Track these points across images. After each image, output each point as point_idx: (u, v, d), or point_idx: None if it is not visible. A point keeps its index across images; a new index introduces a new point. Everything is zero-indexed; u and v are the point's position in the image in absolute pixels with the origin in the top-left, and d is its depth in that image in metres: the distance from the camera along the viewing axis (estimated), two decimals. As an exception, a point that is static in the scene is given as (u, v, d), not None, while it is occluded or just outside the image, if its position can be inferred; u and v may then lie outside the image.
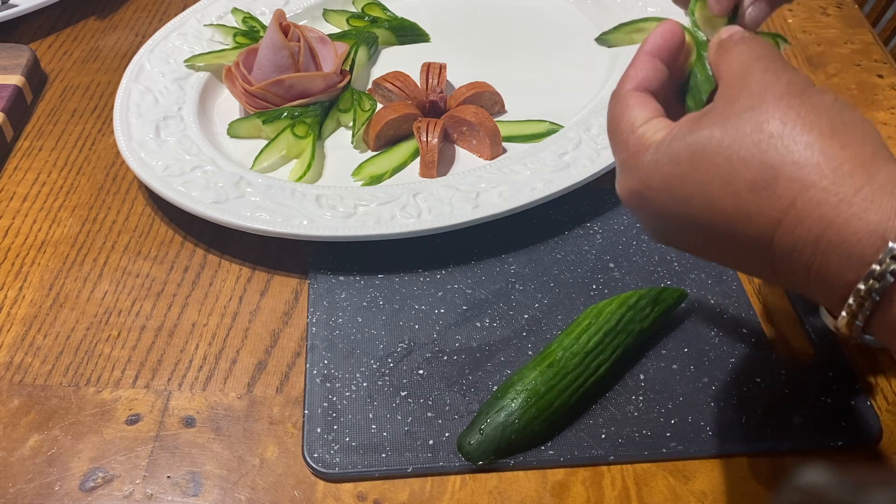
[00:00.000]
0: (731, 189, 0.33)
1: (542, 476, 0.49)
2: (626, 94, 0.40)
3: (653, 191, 0.36)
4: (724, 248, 0.35)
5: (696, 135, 0.34)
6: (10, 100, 0.73)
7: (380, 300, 0.58)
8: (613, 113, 0.40)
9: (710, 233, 0.34)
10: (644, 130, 0.38)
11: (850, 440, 0.50)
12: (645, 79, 0.40)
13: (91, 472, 0.49)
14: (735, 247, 0.34)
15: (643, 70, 0.41)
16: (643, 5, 0.81)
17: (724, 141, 0.33)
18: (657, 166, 0.36)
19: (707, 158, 0.33)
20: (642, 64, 0.41)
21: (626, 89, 0.40)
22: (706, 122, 0.34)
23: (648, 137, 0.37)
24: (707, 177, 0.33)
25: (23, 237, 0.64)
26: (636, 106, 0.39)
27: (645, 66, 0.41)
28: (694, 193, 0.34)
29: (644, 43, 0.42)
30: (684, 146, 0.35)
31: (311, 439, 0.50)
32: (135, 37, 0.85)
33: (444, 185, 0.63)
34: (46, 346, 0.56)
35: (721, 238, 0.34)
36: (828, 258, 0.31)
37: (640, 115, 0.39)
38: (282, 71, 0.70)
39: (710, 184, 0.33)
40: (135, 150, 0.66)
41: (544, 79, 0.77)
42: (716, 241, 0.35)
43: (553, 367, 0.50)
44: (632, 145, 0.38)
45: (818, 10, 0.89)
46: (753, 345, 0.55)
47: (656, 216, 0.37)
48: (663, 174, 0.35)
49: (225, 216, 0.60)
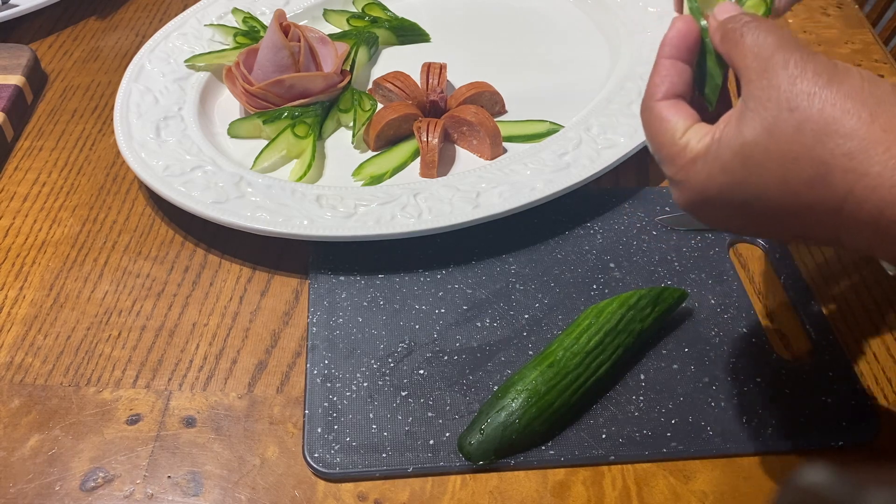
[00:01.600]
0: (788, 188, 0.35)
1: (543, 476, 0.49)
2: (657, 106, 0.41)
3: (711, 200, 0.38)
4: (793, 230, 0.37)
5: (742, 142, 0.36)
6: (10, 100, 0.73)
7: (380, 300, 0.58)
8: (651, 127, 0.41)
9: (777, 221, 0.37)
10: (687, 141, 0.39)
11: (850, 440, 0.50)
12: (672, 85, 0.41)
13: (91, 472, 0.49)
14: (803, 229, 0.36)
15: (668, 76, 0.41)
16: (643, 5, 0.81)
17: (769, 144, 0.35)
18: (710, 178, 0.37)
19: (759, 165, 0.35)
20: (666, 70, 0.42)
21: (657, 100, 0.41)
22: (747, 129, 0.36)
23: (693, 148, 0.38)
24: (762, 181, 0.35)
25: (23, 237, 0.64)
26: (671, 116, 0.40)
27: (669, 71, 0.42)
28: (753, 197, 0.36)
29: (661, 47, 0.42)
30: (732, 155, 0.36)
31: (311, 439, 0.50)
32: (135, 37, 0.85)
33: (445, 185, 0.63)
34: (47, 346, 0.56)
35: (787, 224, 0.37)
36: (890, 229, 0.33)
37: (678, 126, 0.40)
38: (282, 71, 0.70)
39: (767, 187, 0.35)
40: (135, 150, 0.66)
41: (544, 78, 0.77)
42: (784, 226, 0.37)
43: (554, 366, 0.50)
44: (678, 160, 0.39)
45: (818, 10, 0.89)
46: (753, 345, 0.55)
47: (720, 219, 0.39)
48: (718, 184, 0.37)
49: (225, 216, 0.60)
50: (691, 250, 0.61)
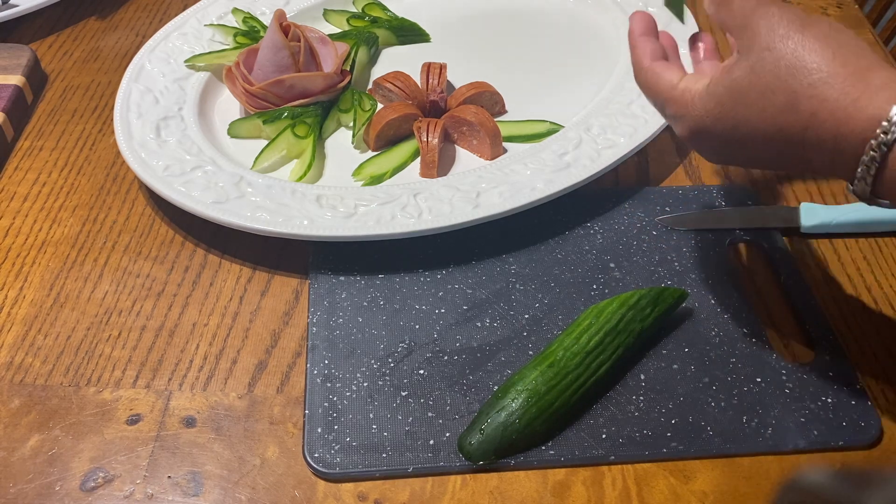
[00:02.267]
0: (765, 113, 0.42)
1: (543, 476, 0.49)
2: (650, 67, 0.49)
3: (707, 128, 0.45)
4: (769, 153, 0.44)
5: (731, 78, 0.43)
6: (10, 100, 0.73)
7: (380, 300, 0.58)
8: (649, 83, 0.49)
9: (756, 146, 0.43)
10: (685, 85, 0.46)
11: (850, 440, 0.50)
12: (653, 51, 0.50)
13: (92, 472, 0.49)
14: (777, 151, 0.43)
15: (648, 45, 0.50)
16: (643, 5, 0.81)
17: (752, 79, 0.42)
18: (706, 109, 0.45)
19: (743, 94, 0.43)
20: (643, 42, 0.50)
21: (647, 63, 0.49)
22: (735, 69, 0.43)
23: (691, 88, 0.46)
24: (746, 108, 0.43)
25: (23, 237, 0.64)
26: (664, 70, 0.48)
27: (645, 43, 0.50)
28: (739, 121, 0.43)
29: (630, 31, 0.51)
30: (723, 89, 0.44)
31: (311, 439, 0.50)
32: (135, 37, 0.85)
33: (445, 185, 0.63)
34: (47, 346, 0.56)
35: (765, 147, 0.43)
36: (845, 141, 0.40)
37: (673, 76, 0.48)
38: (282, 71, 0.70)
39: (749, 112, 0.42)
40: (135, 150, 0.66)
41: (544, 79, 0.77)
42: (762, 150, 0.44)
43: (554, 366, 0.50)
44: (679, 99, 0.46)
45: (818, 11, 0.89)
46: (753, 345, 0.55)
47: (714, 144, 0.46)
48: (713, 113, 0.44)
49: (225, 216, 0.60)
50: (691, 250, 0.61)
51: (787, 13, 0.43)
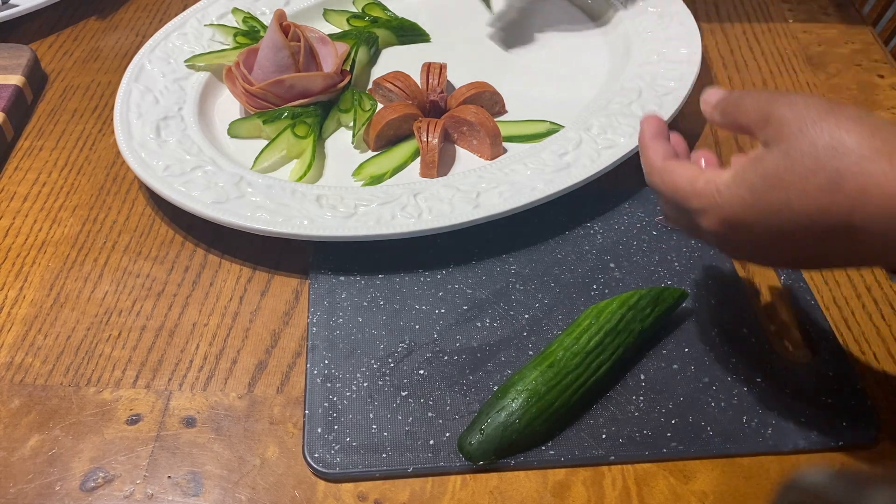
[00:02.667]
0: (807, 196, 0.39)
1: (543, 476, 0.49)
2: (665, 165, 0.46)
3: (740, 217, 0.42)
4: (811, 244, 0.41)
5: (763, 164, 0.41)
6: (10, 100, 0.73)
7: (380, 300, 0.58)
8: (666, 182, 0.46)
9: (797, 236, 0.41)
10: (707, 178, 0.43)
11: (850, 440, 0.50)
12: (665, 151, 0.47)
13: (92, 472, 0.49)
14: (820, 240, 0.40)
15: (659, 147, 0.48)
16: (643, 5, 0.81)
17: (787, 162, 0.40)
18: (738, 197, 0.42)
19: (779, 178, 0.40)
20: (655, 143, 0.48)
21: (660, 162, 0.47)
22: (766, 156, 0.41)
23: (715, 179, 0.43)
24: (784, 192, 0.40)
25: (23, 237, 0.64)
26: (680, 166, 0.46)
27: (658, 144, 0.48)
28: (776, 208, 0.40)
29: (641, 134, 0.49)
30: (755, 176, 0.41)
31: (311, 439, 0.50)
32: (135, 37, 0.85)
33: (445, 185, 0.63)
34: (47, 346, 0.56)
35: (807, 237, 0.40)
36: None
37: (691, 171, 0.45)
38: (282, 71, 0.70)
39: (789, 196, 0.40)
40: (135, 150, 0.66)
41: (544, 79, 0.77)
42: (802, 240, 0.41)
43: (554, 366, 0.50)
44: (704, 191, 0.43)
45: (818, 10, 0.89)
46: (753, 345, 0.55)
47: (748, 237, 0.42)
48: (746, 201, 0.41)
49: (225, 216, 0.60)
50: (691, 250, 0.61)
51: (812, 99, 0.41)
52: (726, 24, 0.86)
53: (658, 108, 0.68)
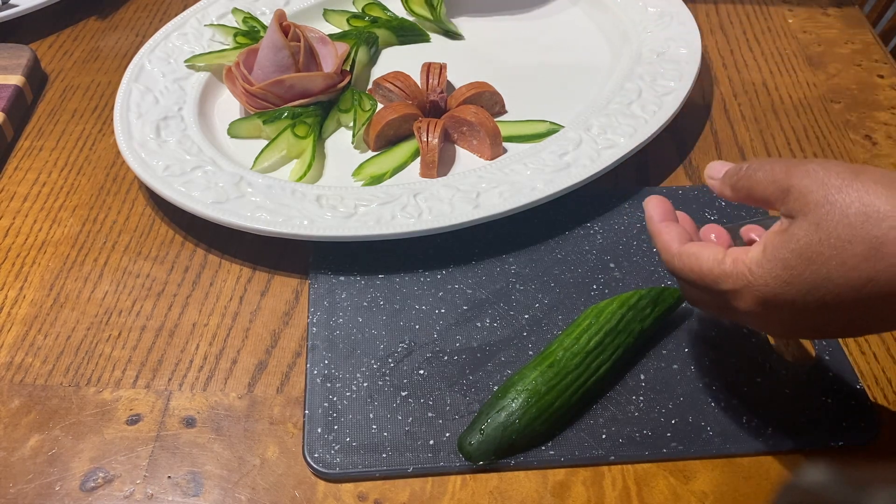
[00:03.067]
0: (847, 266, 0.38)
1: (543, 476, 0.49)
2: (684, 250, 0.45)
3: (778, 295, 0.40)
4: (858, 314, 0.40)
5: (794, 240, 0.39)
6: (10, 100, 0.73)
7: (380, 300, 0.58)
8: (686, 265, 0.44)
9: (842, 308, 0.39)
10: (734, 257, 0.42)
11: (850, 440, 0.50)
12: (679, 234, 0.46)
13: (91, 472, 0.49)
14: (867, 310, 0.39)
15: (673, 231, 0.46)
16: (643, 5, 0.81)
17: (820, 235, 0.39)
18: (771, 275, 0.40)
19: (815, 252, 0.39)
20: (667, 228, 0.46)
21: (677, 247, 0.45)
22: (795, 229, 0.40)
23: (744, 259, 0.41)
24: (822, 266, 0.39)
25: (23, 237, 0.64)
26: (701, 249, 0.44)
27: (671, 228, 0.46)
28: (816, 282, 0.39)
29: (649, 218, 0.47)
30: (788, 251, 0.40)
31: (311, 439, 0.50)
32: (135, 37, 0.85)
33: (445, 186, 0.63)
34: (47, 346, 0.56)
35: (853, 308, 0.39)
36: None
37: (714, 253, 0.43)
38: (282, 71, 0.70)
39: (828, 269, 0.39)
40: (135, 151, 0.66)
41: (544, 78, 0.77)
42: (848, 313, 0.40)
43: (554, 367, 0.50)
44: (733, 272, 0.42)
45: (818, 10, 0.89)
46: (753, 345, 0.55)
47: (789, 315, 0.41)
48: (782, 278, 0.40)
49: (225, 216, 0.60)
50: (691, 250, 0.61)
51: (833, 165, 0.40)
52: (726, 24, 0.86)
53: (658, 109, 0.69)
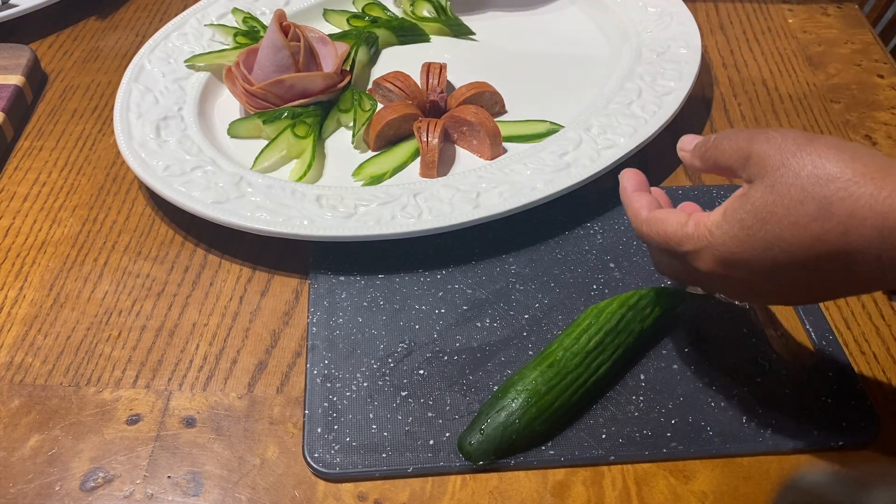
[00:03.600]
0: (798, 226, 0.40)
1: (543, 476, 0.49)
2: (652, 215, 0.47)
3: (735, 253, 0.42)
4: (809, 275, 0.41)
5: (750, 199, 0.41)
6: (10, 100, 0.73)
7: (380, 300, 0.58)
8: (653, 230, 0.46)
9: (794, 267, 0.41)
10: (696, 220, 0.44)
11: (850, 440, 0.50)
12: (649, 202, 0.48)
13: (91, 472, 0.49)
14: (817, 269, 0.41)
15: (643, 199, 0.48)
16: (643, 5, 0.81)
17: (774, 195, 0.41)
18: (731, 234, 0.42)
19: (769, 211, 0.41)
20: (637, 197, 0.49)
21: (646, 214, 0.47)
22: (752, 192, 0.41)
23: (705, 221, 0.44)
24: (775, 226, 0.40)
25: (23, 237, 0.64)
26: (667, 215, 0.46)
27: (641, 197, 0.49)
28: (769, 241, 0.41)
29: (623, 189, 0.50)
30: (744, 212, 0.41)
31: (311, 439, 0.50)
32: (135, 37, 0.85)
33: (445, 185, 0.63)
34: (47, 346, 0.56)
35: (804, 267, 0.41)
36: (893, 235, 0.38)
37: (679, 217, 0.45)
38: (282, 71, 0.70)
39: (781, 228, 0.40)
40: (135, 151, 0.66)
41: (544, 78, 0.77)
42: (800, 272, 0.41)
43: (554, 367, 0.50)
44: (694, 233, 0.44)
45: (818, 10, 0.89)
46: (753, 345, 0.55)
47: (746, 274, 0.43)
48: (739, 238, 0.42)
49: (225, 216, 0.60)
50: (691, 250, 0.61)
51: (790, 132, 0.42)
52: (726, 24, 0.86)
53: (658, 108, 0.69)
